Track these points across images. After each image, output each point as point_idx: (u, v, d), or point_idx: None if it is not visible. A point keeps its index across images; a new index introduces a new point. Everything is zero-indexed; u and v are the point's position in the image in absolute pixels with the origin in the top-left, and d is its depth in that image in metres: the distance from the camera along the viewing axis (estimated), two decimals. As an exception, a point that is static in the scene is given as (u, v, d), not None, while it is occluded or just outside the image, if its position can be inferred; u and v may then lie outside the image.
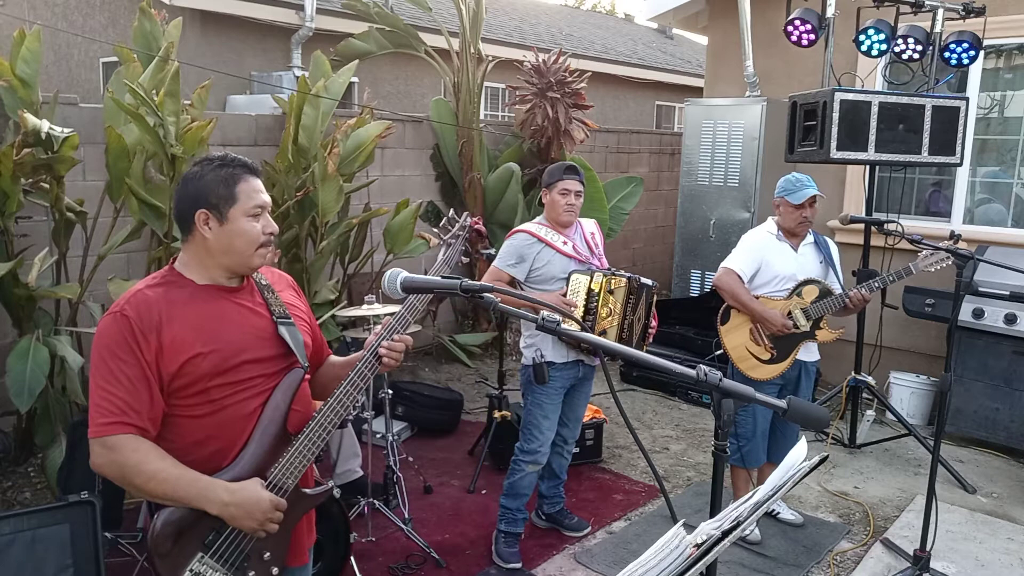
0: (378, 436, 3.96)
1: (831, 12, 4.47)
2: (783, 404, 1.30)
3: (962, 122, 4.50)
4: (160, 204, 3.96)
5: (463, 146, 6.37)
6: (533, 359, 3.34)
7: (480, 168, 6.41)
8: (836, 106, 4.21)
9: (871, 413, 4.90)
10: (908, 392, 5.36)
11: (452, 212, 2.12)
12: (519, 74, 6.54)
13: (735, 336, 3.57)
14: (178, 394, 1.66)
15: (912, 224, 4.96)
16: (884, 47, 4.59)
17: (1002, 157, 5.59)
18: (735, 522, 1.07)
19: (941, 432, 3.20)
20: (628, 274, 3.36)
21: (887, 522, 3.91)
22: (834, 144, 4.23)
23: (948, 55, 4.63)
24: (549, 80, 6.32)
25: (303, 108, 4.66)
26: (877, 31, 4.56)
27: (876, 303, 4.26)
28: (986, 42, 4.79)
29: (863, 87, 5.25)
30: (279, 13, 7.65)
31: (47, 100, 3.95)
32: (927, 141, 4.43)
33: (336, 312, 4.27)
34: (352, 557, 3.14)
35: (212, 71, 5.68)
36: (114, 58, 5.82)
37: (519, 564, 3.40)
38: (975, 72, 5.41)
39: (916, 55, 4.65)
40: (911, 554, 3.33)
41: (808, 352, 3.61)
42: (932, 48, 4.61)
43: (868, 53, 4.66)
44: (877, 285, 3.55)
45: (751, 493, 1.15)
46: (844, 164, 5.36)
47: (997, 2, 4.93)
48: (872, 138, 4.31)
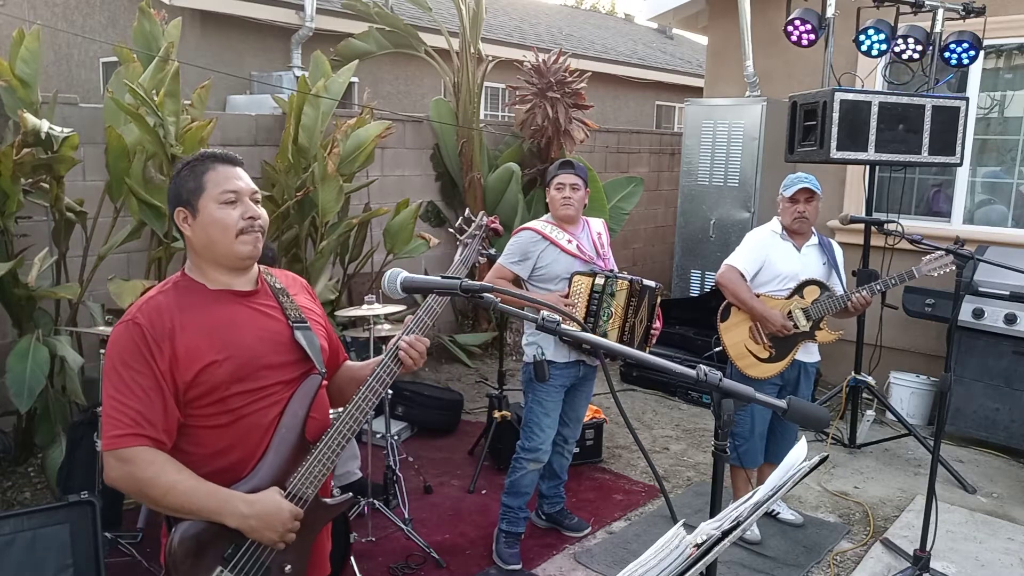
0: (378, 436, 3.96)
1: (831, 12, 4.47)
2: (783, 404, 1.30)
3: (962, 122, 4.50)
4: (160, 204, 3.96)
5: (463, 146, 6.37)
6: (534, 356, 3.33)
7: (480, 168, 6.41)
8: (836, 106, 4.21)
9: (871, 413, 4.90)
10: (908, 392, 5.36)
11: (468, 211, 2.11)
12: (519, 74, 6.54)
13: (734, 333, 3.57)
14: (194, 403, 1.61)
15: (912, 224, 4.97)
16: (884, 47, 4.59)
17: (1002, 157, 5.59)
18: (735, 522, 1.07)
19: (941, 432, 3.20)
20: (631, 276, 3.36)
21: (887, 522, 3.91)
22: (834, 144, 4.23)
23: (948, 55, 4.63)
24: (549, 80, 6.32)
25: (303, 108, 4.66)
26: (877, 31, 4.56)
27: (876, 303, 4.26)
28: (986, 42, 4.80)
29: (863, 87, 5.25)
30: (279, 13, 7.65)
31: (47, 100, 3.95)
32: (927, 141, 4.43)
33: (336, 312, 4.27)
34: (352, 557, 3.14)
35: (212, 71, 5.68)
36: (114, 58, 5.82)
37: (519, 565, 3.40)
38: (975, 72, 5.41)
39: (916, 55, 4.65)
40: (911, 554, 3.33)
41: (808, 353, 3.61)
42: (932, 48, 4.61)
43: (868, 53, 4.66)
44: (879, 288, 3.55)
45: (751, 493, 1.15)
46: (844, 164, 5.36)
47: (997, 2, 4.93)
48: (872, 138, 4.31)
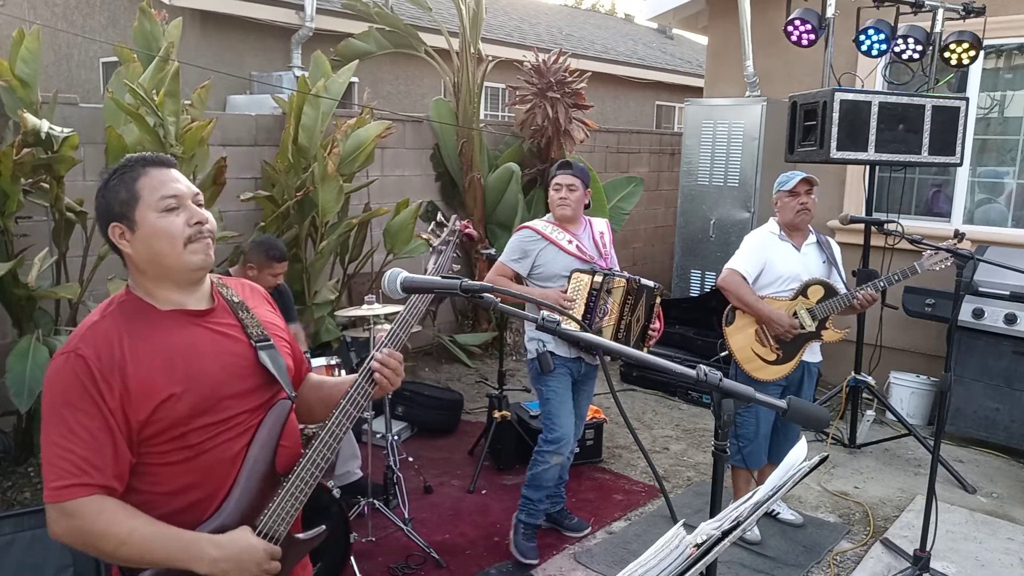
0: (378, 436, 3.96)
1: (831, 12, 4.47)
2: (783, 404, 1.30)
3: (962, 122, 4.50)
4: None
5: (463, 146, 6.38)
6: (536, 350, 3.35)
7: (480, 168, 6.41)
8: (836, 106, 4.21)
9: (871, 413, 4.90)
10: (908, 392, 5.36)
11: (440, 216, 2.03)
12: (519, 74, 6.54)
13: (740, 337, 3.55)
14: (150, 442, 1.43)
15: (912, 224, 4.97)
16: (884, 47, 4.60)
17: (1002, 157, 5.59)
18: (735, 522, 1.07)
19: (941, 432, 3.20)
20: (628, 275, 3.35)
21: (887, 522, 3.91)
22: (834, 144, 4.23)
23: (948, 55, 4.63)
24: (549, 80, 6.32)
25: (303, 108, 4.67)
26: (877, 31, 4.56)
27: (876, 303, 4.26)
28: (986, 42, 4.79)
29: (863, 87, 5.25)
30: (279, 13, 7.65)
31: (47, 100, 3.95)
32: (927, 141, 4.44)
33: (336, 312, 4.27)
34: (352, 557, 3.14)
35: (212, 71, 5.68)
36: (114, 58, 5.82)
37: (536, 560, 3.39)
38: (975, 72, 5.41)
39: (916, 55, 4.65)
40: (911, 554, 3.33)
41: (811, 353, 3.61)
42: (932, 48, 4.61)
43: (868, 53, 4.66)
44: (882, 285, 3.55)
45: (751, 493, 1.15)
46: (844, 164, 5.36)
47: (997, 2, 4.93)
48: (872, 138, 4.31)
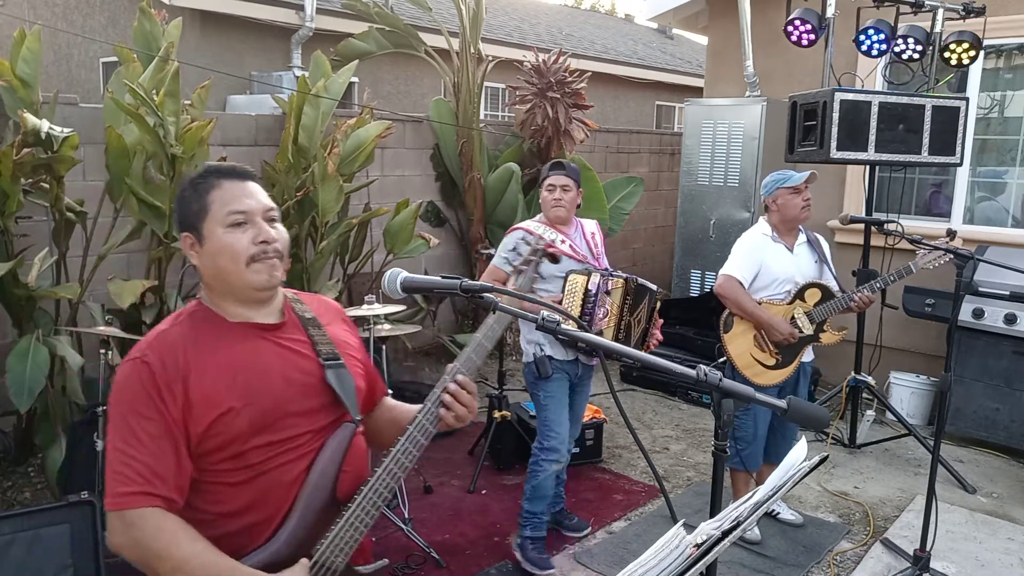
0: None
1: (831, 12, 4.47)
2: (783, 404, 1.30)
3: (962, 122, 4.50)
4: (160, 204, 3.96)
5: (463, 146, 6.37)
6: (534, 355, 3.34)
7: (480, 168, 6.41)
8: (836, 106, 4.21)
9: (871, 413, 4.89)
10: (908, 392, 5.36)
11: (524, 236, 1.87)
12: (519, 74, 6.54)
13: (739, 343, 3.52)
14: (209, 457, 1.40)
15: (912, 224, 4.96)
16: (884, 47, 4.59)
17: (1002, 157, 5.59)
18: (735, 522, 1.07)
19: (941, 432, 3.19)
20: (626, 275, 3.34)
21: (887, 522, 3.91)
22: (834, 144, 4.23)
23: (948, 55, 4.63)
24: (549, 80, 6.32)
25: (303, 108, 4.66)
26: (877, 31, 4.56)
27: (876, 303, 4.25)
28: (986, 42, 4.79)
29: (863, 87, 5.25)
30: (279, 13, 7.65)
31: (47, 100, 3.95)
32: (927, 141, 4.43)
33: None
34: (352, 557, 3.13)
35: (212, 71, 5.68)
36: (114, 58, 5.82)
37: (553, 568, 3.34)
38: (975, 72, 5.41)
39: (916, 55, 4.65)
40: (911, 554, 3.33)
41: (806, 353, 3.62)
42: (932, 48, 4.61)
43: (868, 53, 4.66)
44: (879, 285, 3.55)
45: (751, 493, 1.15)
46: (844, 164, 5.36)
47: (997, 2, 4.93)
48: (872, 138, 4.31)
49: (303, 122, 4.67)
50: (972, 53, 4.58)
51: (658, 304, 3.44)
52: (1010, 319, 4.57)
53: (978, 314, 4.67)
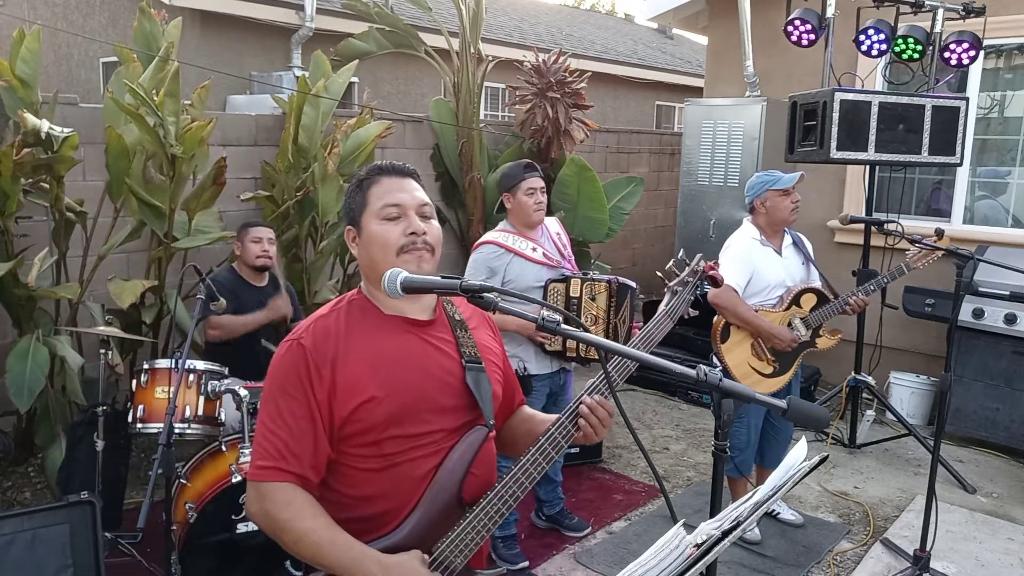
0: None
1: (831, 12, 4.47)
2: (783, 404, 1.30)
3: (962, 122, 4.50)
4: (160, 204, 3.96)
5: (463, 146, 6.37)
6: (516, 371, 3.28)
7: (480, 168, 6.40)
8: (836, 106, 4.20)
9: (871, 413, 4.89)
10: (908, 392, 5.36)
11: (682, 254, 1.80)
12: (519, 74, 6.53)
13: (737, 353, 3.46)
14: (348, 441, 1.45)
15: (912, 224, 4.96)
16: (884, 47, 4.59)
17: (1002, 157, 5.59)
18: (735, 522, 1.07)
19: (941, 432, 3.19)
20: (607, 277, 3.30)
21: (887, 522, 3.91)
22: (834, 144, 4.23)
23: (948, 55, 4.63)
24: (549, 80, 6.32)
25: (303, 108, 4.66)
26: (877, 31, 4.55)
27: (876, 303, 4.25)
28: (986, 42, 4.79)
29: (863, 87, 5.25)
30: (279, 13, 7.65)
31: (47, 100, 3.95)
32: (927, 141, 4.43)
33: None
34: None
35: (212, 71, 5.68)
36: (114, 58, 5.82)
37: (526, 562, 3.40)
38: (975, 72, 5.41)
39: (916, 55, 4.65)
40: (911, 554, 3.33)
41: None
42: (932, 48, 4.61)
43: (868, 53, 4.66)
44: (873, 288, 3.53)
45: (751, 493, 1.15)
46: (844, 164, 5.36)
47: (997, 2, 4.93)
48: (872, 138, 4.31)
49: (303, 122, 4.66)
50: (972, 53, 4.58)
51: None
52: (1010, 319, 4.57)
53: (978, 314, 4.67)
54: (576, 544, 3.63)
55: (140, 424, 3.13)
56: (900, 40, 4.61)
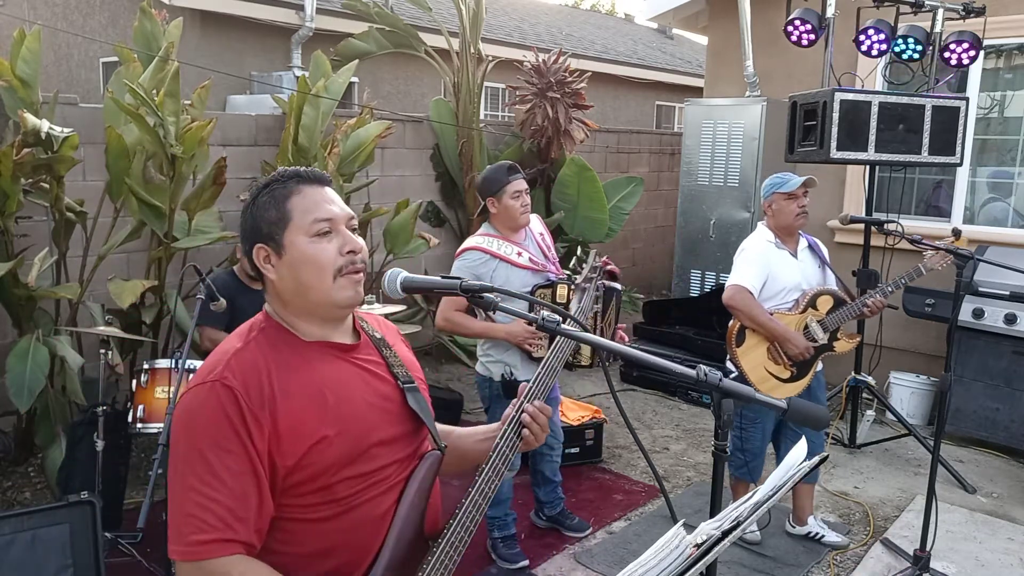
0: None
1: (831, 12, 4.47)
2: (783, 404, 1.29)
3: (962, 122, 4.50)
4: (160, 204, 3.96)
5: (463, 146, 6.38)
6: (502, 375, 3.23)
7: (480, 168, 6.40)
8: (836, 106, 4.20)
9: (871, 413, 4.89)
10: (908, 392, 5.36)
11: (580, 251, 1.90)
12: (519, 74, 6.54)
13: (753, 357, 3.36)
14: (292, 491, 1.26)
15: (912, 224, 4.97)
16: (884, 47, 4.59)
17: (1002, 157, 5.59)
18: (735, 522, 1.07)
19: (941, 432, 3.19)
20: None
21: (887, 522, 3.91)
22: (834, 144, 4.23)
23: (948, 55, 4.63)
24: (549, 80, 6.32)
25: (303, 108, 4.66)
26: (877, 31, 4.55)
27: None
28: (986, 42, 4.79)
29: (863, 87, 5.25)
30: (279, 13, 7.65)
31: (47, 100, 3.95)
32: (927, 141, 4.43)
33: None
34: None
35: (212, 71, 5.68)
36: (114, 58, 5.82)
37: (526, 562, 3.40)
38: (975, 72, 5.41)
39: (916, 55, 4.65)
40: (911, 554, 3.33)
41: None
42: (932, 48, 4.61)
43: (868, 53, 4.66)
44: (891, 289, 3.46)
45: (751, 493, 1.15)
46: (844, 164, 5.36)
47: (997, 2, 4.93)
48: (872, 138, 4.31)
49: (303, 122, 4.67)
50: (972, 53, 4.58)
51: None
52: (1010, 319, 4.57)
53: (978, 314, 4.67)
54: (576, 544, 3.63)
55: (140, 424, 3.13)
56: (900, 40, 4.60)
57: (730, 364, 3.45)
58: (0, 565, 2.49)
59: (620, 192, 6.98)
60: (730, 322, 3.42)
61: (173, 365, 3.17)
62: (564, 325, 1.43)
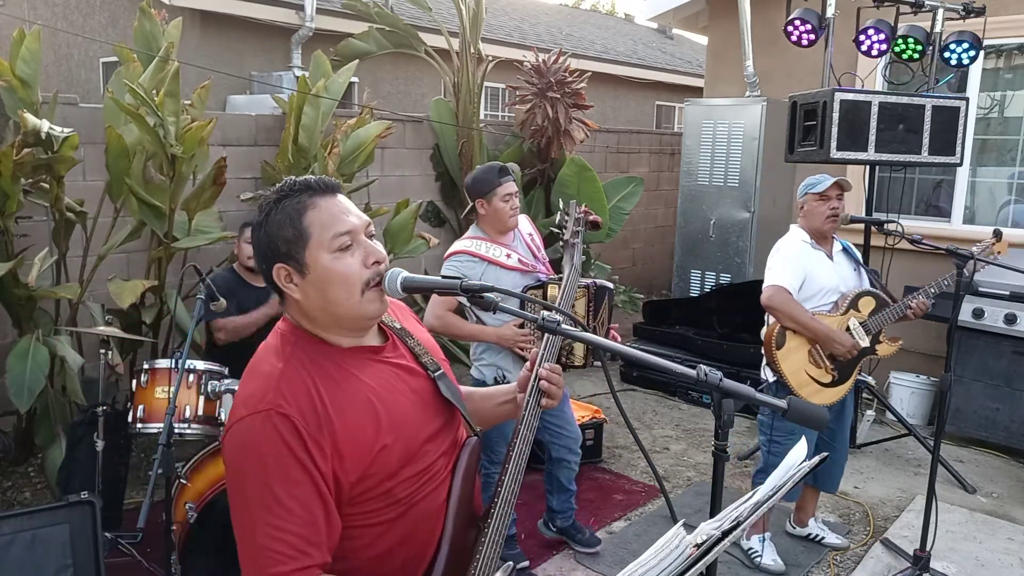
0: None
1: (831, 12, 4.47)
2: (783, 404, 1.29)
3: (962, 122, 4.49)
4: (160, 204, 3.96)
5: (463, 146, 6.38)
6: (495, 379, 3.20)
7: (480, 168, 6.41)
8: (836, 106, 4.20)
9: (871, 413, 4.90)
10: (908, 392, 5.36)
11: (562, 204, 1.90)
12: (519, 74, 6.54)
13: (794, 360, 3.21)
14: (356, 501, 1.27)
15: (912, 224, 4.96)
16: (884, 47, 4.59)
17: (1002, 157, 5.59)
18: (735, 522, 1.07)
19: (941, 432, 3.19)
20: (585, 281, 3.13)
21: (887, 522, 3.91)
22: (834, 144, 4.23)
23: (948, 55, 4.62)
24: (549, 80, 6.32)
25: (303, 108, 4.66)
26: (877, 31, 4.55)
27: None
28: (986, 42, 4.79)
29: (863, 87, 5.25)
30: (279, 13, 7.65)
31: (47, 100, 3.95)
32: (927, 141, 4.43)
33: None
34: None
35: (212, 71, 5.68)
36: (114, 58, 5.82)
37: (526, 562, 3.39)
38: (975, 72, 5.41)
39: (916, 55, 4.65)
40: (911, 554, 3.33)
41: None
42: (932, 48, 4.61)
43: (868, 53, 4.66)
44: (934, 290, 3.34)
45: (751, 493, 1.15)
46: (844, 164, 5.35)
47: (997, 2, 4.93)
48: (872, 138, 4.31)
49: (303, 122, 4.66)
50: (972, 53, 4.58)
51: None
52: (1010, 319, 4.57)
53: (978, 314, 4.67)
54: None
55: (140, 424, 3.13)
56: (900, 40, 4.60)
57: (765, 372, 3.34)
58: (0, 565, 2.49)
59: (620, 192, 6.97)
60: (766, 325, 3.31)
61: (173, 365, 3.17)
62: (564, 325, 1.43)
